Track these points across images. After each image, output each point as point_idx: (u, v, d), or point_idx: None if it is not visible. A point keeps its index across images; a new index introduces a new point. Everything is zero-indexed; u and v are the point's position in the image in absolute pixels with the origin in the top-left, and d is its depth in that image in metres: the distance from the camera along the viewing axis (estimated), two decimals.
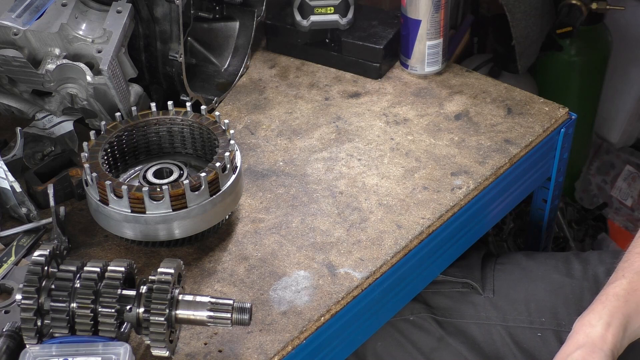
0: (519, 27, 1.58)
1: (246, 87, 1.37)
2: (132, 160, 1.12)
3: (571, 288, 1.16)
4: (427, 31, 1.32)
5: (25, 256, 1.06)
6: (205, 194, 1.00)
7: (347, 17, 1.37)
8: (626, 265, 1.00)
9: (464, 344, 1.15)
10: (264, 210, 1.12)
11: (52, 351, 0.83)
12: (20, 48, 1.08)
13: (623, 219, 2.09)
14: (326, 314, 0.98)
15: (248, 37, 1.39)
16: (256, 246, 1.07)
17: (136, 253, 1.06)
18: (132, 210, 0.99)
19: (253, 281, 1.02)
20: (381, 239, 1.07)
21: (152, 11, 1.14)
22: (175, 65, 1.17)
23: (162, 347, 0.87)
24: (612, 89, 2.10)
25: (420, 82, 1.37)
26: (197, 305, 0.88)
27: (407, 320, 1.17)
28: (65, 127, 1.19)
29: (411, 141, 1.24)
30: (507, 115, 1.28)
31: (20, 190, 1.07)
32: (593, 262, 1.19)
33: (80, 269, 0.88)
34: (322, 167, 1.19)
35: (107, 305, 0.86)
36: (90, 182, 1.00)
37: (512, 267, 1.21)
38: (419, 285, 1.14)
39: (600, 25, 1.96)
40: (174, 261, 0.90)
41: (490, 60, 1.91)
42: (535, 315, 1.14)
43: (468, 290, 1.19)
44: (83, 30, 1.09)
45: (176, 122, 1.10)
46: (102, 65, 1.06)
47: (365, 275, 1.02)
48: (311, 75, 1.39)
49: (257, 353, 0.93)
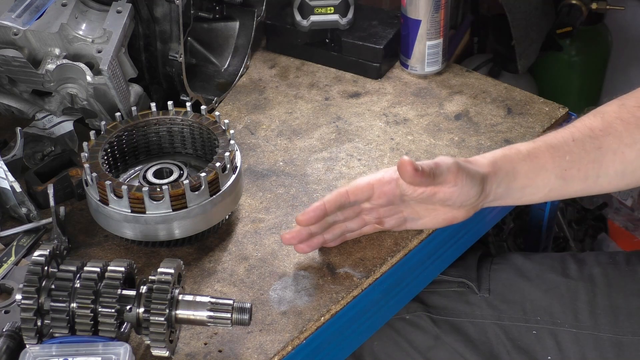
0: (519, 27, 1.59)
1: (246, 87, 1.37)
2: (132, 160, 1.12)
3: (567, 287, 1.16)
4: (427, 31, 1.32)
5: (25, 256, 1.06)
6: (205, 194, 1.00)
7: (347, 17, 1.37)
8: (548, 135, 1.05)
9: (459, 342, 1.15)
10: (264, 210, 1.12)
11: (52, 351, 0.83)
12: (20, 48, 1.08)
13: (623, 219, 2.09)
14: (326, 314, 0.98)
15: (248, 37, 1.39)
16: (256, 246, 1.07)
17: (136, 253, 1.06)
18: (132, 210, 0.99)
19: (253, 281, 1.02)
20: (381, 239, 1.07)
21: (152, 11, 1.14)
22: (175, 65, 1.17)
23: (162, 347, 0.87)
24: (612, 89, 2.10)
25: (420, 82, 1.37)
26: (197, 305, 0.88)
27: (403, 319, 1.18)
28: (65, 127, 1.19)
29: (411, 141, 1.24)
30: (507, 115, 1.28)
31: (20, 190, 1.07)
32: (589, 263, 1.19)
33: (80, 269, 0.88)
34: (322, 167, 1.19)
35: (107, 305, 0.86)
36: (90, 182, 1.00)
37: (508, 267, 1.21)
38: (418, 286, 1.14)
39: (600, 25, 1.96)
40: (174, 261, 0.90)
41: (490, 60, 1.91)
42: (531, 314, 1.15)
43: (464, 289, 1.19)
44: (83, 30, 1.09)
45: (176, 122, 1.10)
46: (102, 65, 1.06)
47: (365, 275, 1.02)
48: (311, 75, 1.39)
49: (257, 353, 0.93)
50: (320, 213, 1.00)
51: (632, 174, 1.05)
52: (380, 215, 1.05)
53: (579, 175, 1.04)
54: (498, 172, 1.02)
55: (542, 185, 1.04)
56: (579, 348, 1.11)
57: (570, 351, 1.11)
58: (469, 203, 1.01)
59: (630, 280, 1.16)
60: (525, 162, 1.03)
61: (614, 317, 1.12)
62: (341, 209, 1.02)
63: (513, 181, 1.02)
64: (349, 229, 1.05)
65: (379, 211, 1.04)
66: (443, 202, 1.01)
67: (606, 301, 1.13)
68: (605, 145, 1.03)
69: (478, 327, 1.16)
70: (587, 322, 1.12)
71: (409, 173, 0.95)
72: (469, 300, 1.18)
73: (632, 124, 1.03)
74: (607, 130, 1.03)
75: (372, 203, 1.03)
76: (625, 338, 1.10)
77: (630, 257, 1.20)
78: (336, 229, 1.04)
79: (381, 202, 1.03)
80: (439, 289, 1.20)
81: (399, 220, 1.05)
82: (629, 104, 1.05)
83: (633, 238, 2.03)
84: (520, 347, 1.13)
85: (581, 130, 1.04)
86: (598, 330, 1.12)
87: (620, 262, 1.19)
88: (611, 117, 1.04)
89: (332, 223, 1.04)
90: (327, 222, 1.03)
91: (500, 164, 1.02)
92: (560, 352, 1.12)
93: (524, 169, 1.02)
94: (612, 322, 1.11)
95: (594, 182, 1.05)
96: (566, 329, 1.12)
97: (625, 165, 1.03)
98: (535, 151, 1.03)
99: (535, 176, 1.03)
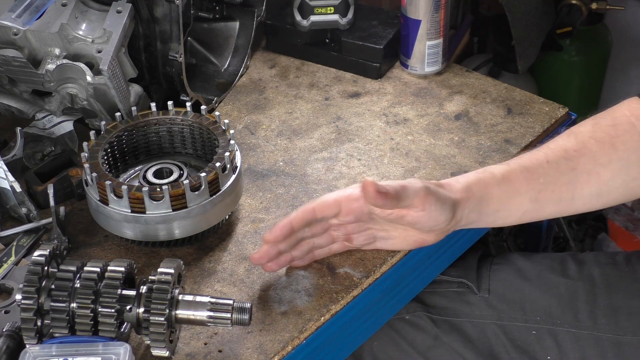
0: (519, 27, 1.58)
1: (246, 87, 1.37)
2: (132, 160, 1.12)
3: (566, 288, 1.16)
4: (427, 31, 1.32)
5: (25, 256, 1.06)
6: (205, 194, 1.00)
7: (347, 17, 1.37)
8: (522, 157, 1.04)
9: (459, 342, 1.15)
10: (264, 210, 1.12)
11: (52, 351, 0.83)
12: (20, 48, 1.08)
13: (623, 219, 2.09)
14: (326, 314, 0.98)
15: (248, 37, 1.39)
16: (256, 246, 1.07)
17: (136, 253, 1.06)
18: (132, 210, 0.99)
19: (253, 281, 1.02)
20: None
21: (152, 11, 1.14)
22: (175, 65, 1.17)
23: (162, 347, 0.87)
24: (612, 89, 2.10)
25: (420, 82, 1.37)
26: (197, 305, 0.88)
27: (403, 319, 1.18)
28: (65, 127, 1.19)
29: (411, 141, 1.24)
30: (507, 115, 1.28)
31: (20, 190, 1.07)
32: (588, 263, 1.19)
33: (80, 269, 0.88)
34: (322, 167, 1.19)
35: (107, 305, 0.86)
36: (90, 182, 1.00)
37: (507, 267, 1.21)
38: (418, 286, 1.14)
39: (600, 25, 1.96)
40: (174, 261, 0.90)
41: (490, 60, 1.91)
42: (530, 314, 1.15)
43: (464, 289, 1.19)
44: (83, 30, 1.09)
45: (176, 122, 1.10)
46: (102, 65, 1.06)
47: (365, 275, 1.02)
48: (311, 75, 1.39)
49: (257, 353, 0.93)
50: (287, 230, 0.98)
51: (608, 195, 1.03)
52: (348, 231, 1.03)
53: (553, 197, 1.02)
54: (471, 198, 1.00)
55: (516, 209, 1.02)
56: (578, 348, 1.11)
57: (570, 351, 1.11)
58: (438, 228, 1.00)
59: (630, 281, 1.16)
60: (499, 187, 1.01)
61: (614, 318, 1.12)
62: (308, 225, 1.01)
63: (486, 206, 1.01)
64: (317, 245, 1.03)
65: (347, 228, 1.02)
66: (412, 225, 0.99)
67: (606, 301, 1.13)
68: (580, 167, 1.01)
69: (478, 327, 1.16)
70: (586, 322, 1.12)
71: (371, 194, 0.92)
72: (469, 301, 1.18)
73: (607, 143, 1.02)
74: (581, 151, 1.02)
75: (340, 220, 1.01)
76: (625, 338, 1.10)
77: (630, 257, 1.20)
78: (304, 246, 1.02)
79: (349, 219, 1.01)
80: (438, 289, 1.20)
81: (368, 238, 1.04)
82: (603, 123, 1.04)
83: (633, 238, 2.03)
84: (520, 347, 1.13)
85: (555, 152, 1.03)
86: (598, 331, 1.12)
87: (620, 262, 1.19)
88: (585, 138, 1.03)
89: (300, 239, 1.02)
90: (295, 238, 1.01)
91: (474, 189, 1.00)
92: (559, 352, 1.12)
93: (498, 193, 1.01)
94: (611, 323, 1.11)
95: (568, 204, 1.03)
96: (566, 329, 1.12)
97: (601, 186, 1.02)
98: (509, 174, 1.01)
99: (508, 200, 1.01)
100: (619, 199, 1.05)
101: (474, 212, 1.01)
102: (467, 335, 1.16)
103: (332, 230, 1.03)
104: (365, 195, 0.93)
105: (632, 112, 1.03)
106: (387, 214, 0.98)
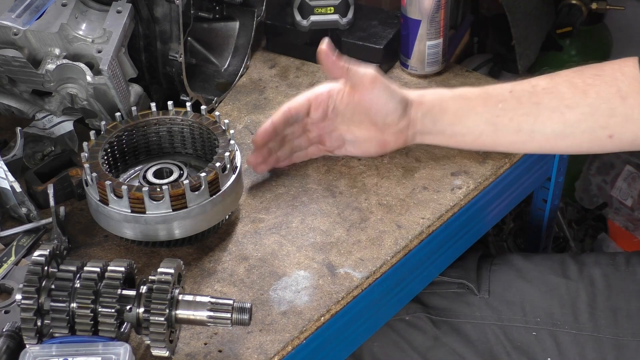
0: (519, 27, 1.58)
1: (246, 87, 1.37)
2: (132, 160, 1.12)
3: (566, 289, 1.16)
4: (427, 31, 1.32)
5: (25, 256, 1.06)
6: (205, 194, 1.00)
7: (347, 17, 1.37)
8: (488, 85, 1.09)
9: (459, 343, 1.15)
10: (264, 210, 1.12)
11: (52, 351, 0.83)
12: (20, 48, 1.08)
13: (623, 219, 2.09)
14: (326, 314, 0.98)
15: (248, 37, 1.39)
16: (256, 246, 1.07)
17: (136, 253, 1.06)
18: (132, 210, 0.99)
19: (253, 281, 1.02)
20: (381, 239, 1.07)
21: (152, 11, 1.14)
22: (175, 65, 1.17)
23: (162, 347, 0.87)
24: None
25: (420, 82, 1.37)
26: (197, 305, 0.88)
27: (403, 320, 1.18)
28: (65, 127, 1.19)
29: None
30: None
31: (20, 190, 1.07)
32: (589, 264, 1.19)
33: (80, 269, 0.88)
34: (322, 167, 1.19)
35: (107, 305, 0.86)
36: (90, 182, 1.00)
37: (507, 268, 1.21)
38: (418, 286, 1.14)
39: (600, 25, 1.96)
40: (174, 261, 0.90)
41: (490, 60, 1.91)
42: (530, 315, 1.15)
43: (464, 290, 1.19)
44: (83, 30, 1.09)
45: (176, 122, 1.10)
46: (102, 65, 1.06)
47: (365, 275, 1.02)
48: (311, 75, 1.39)
49: (257, 353, 0.93)
50: (271, 130, 1.10)
51: (573, 137, 1.05)
52: (320, 131, 1.13)
53: (511, 125, 1.05)
54: (424, 102, 1.07)
55: (472, 126, 1.07)
56: (578, 349, 1.11)
57: (570, 352, 1.12)
58: (392, 121, 1.07)
59: (630, 282, 1.16)
60: (455, 101, 1.07)
61: (614, 319, 1.12)
62: (289, 125, 1.11)
63: (441, 116, 1.07)
64: (297, 145, 1.14)
65: (319, 127, 1.13)
66: (367, 112, 1.07)
67: (606, 302, 1.14)
68: (544, 103, 1.04)
69: (478, 328, 1.16)
70: (586, 323, 1.12)
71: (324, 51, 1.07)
72: (469, 301, 1.18)
73: (579, 88, 1.03)
74: (550, 89, 1.05)
75: (312, 117, 1.12)
76: (625, 339, 1.10)
77: (630, 258, 1.20)
78: (286, 146, 1.14)
79: (319, 115, 1.11)
80: (438, 290, 1.20)
81: (338, 140, 1.14)
82: (587, 71, 1.05)
83: (633, 238, 2.03)
84: (520, 348, 1.14)
85: (523, 86, 1.07)
86: (598, 332, 1.12)
87: (620, 263, 1.19)
88: (560, 80, 1.05)
89: (283, 140, 1.13)
90: (280, 138, 1.12)
91: (428, 96, 1.08)
92: (559, 353, 1.12)
93: (453, 106, 1.07)
94: (612, 324, 1.12)
95: (528, 137, 1.06)
96: (566, 330, 1.12)
97: (565, 127, 1.04)
98: (467, 93, 1.08)
99: (463, 115, 1.07)
100: (584, 146, 1.07)
101: (428, 119, 1.08)
102: (467, 336, 1.16)
103: (308, 131, 1.14)
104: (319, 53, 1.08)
105: (622, 67, 1.03)
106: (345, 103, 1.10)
